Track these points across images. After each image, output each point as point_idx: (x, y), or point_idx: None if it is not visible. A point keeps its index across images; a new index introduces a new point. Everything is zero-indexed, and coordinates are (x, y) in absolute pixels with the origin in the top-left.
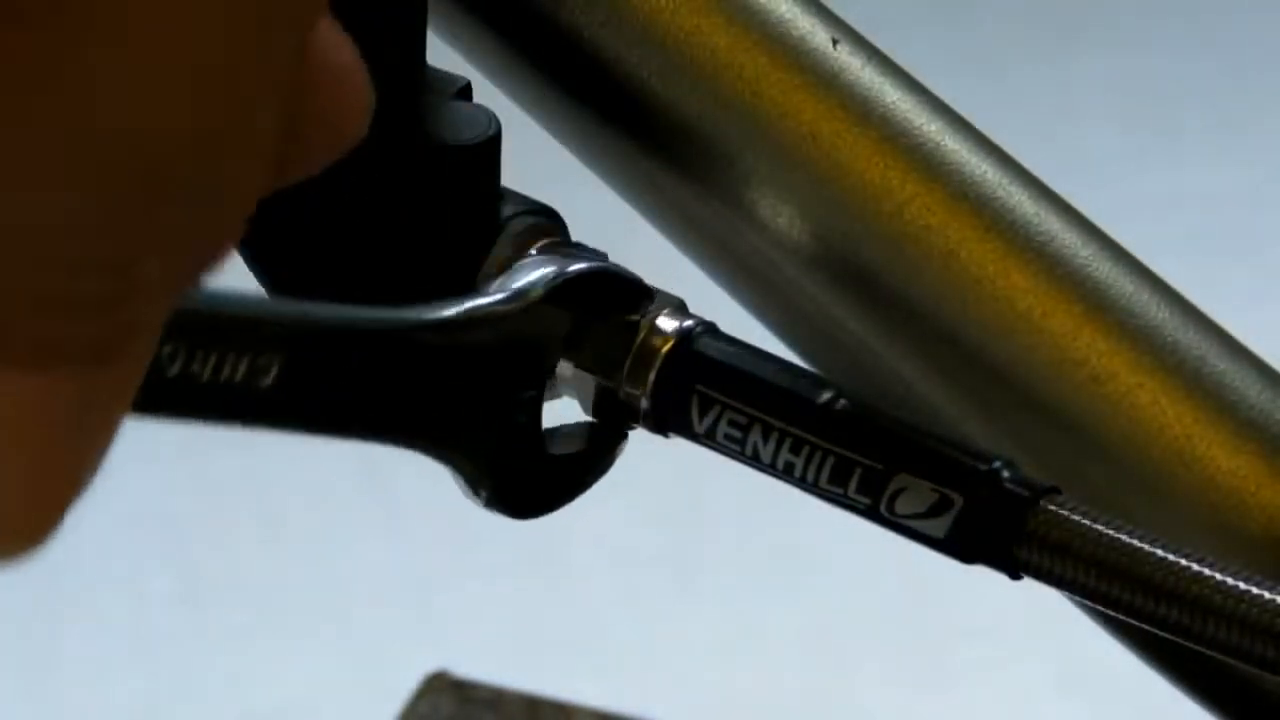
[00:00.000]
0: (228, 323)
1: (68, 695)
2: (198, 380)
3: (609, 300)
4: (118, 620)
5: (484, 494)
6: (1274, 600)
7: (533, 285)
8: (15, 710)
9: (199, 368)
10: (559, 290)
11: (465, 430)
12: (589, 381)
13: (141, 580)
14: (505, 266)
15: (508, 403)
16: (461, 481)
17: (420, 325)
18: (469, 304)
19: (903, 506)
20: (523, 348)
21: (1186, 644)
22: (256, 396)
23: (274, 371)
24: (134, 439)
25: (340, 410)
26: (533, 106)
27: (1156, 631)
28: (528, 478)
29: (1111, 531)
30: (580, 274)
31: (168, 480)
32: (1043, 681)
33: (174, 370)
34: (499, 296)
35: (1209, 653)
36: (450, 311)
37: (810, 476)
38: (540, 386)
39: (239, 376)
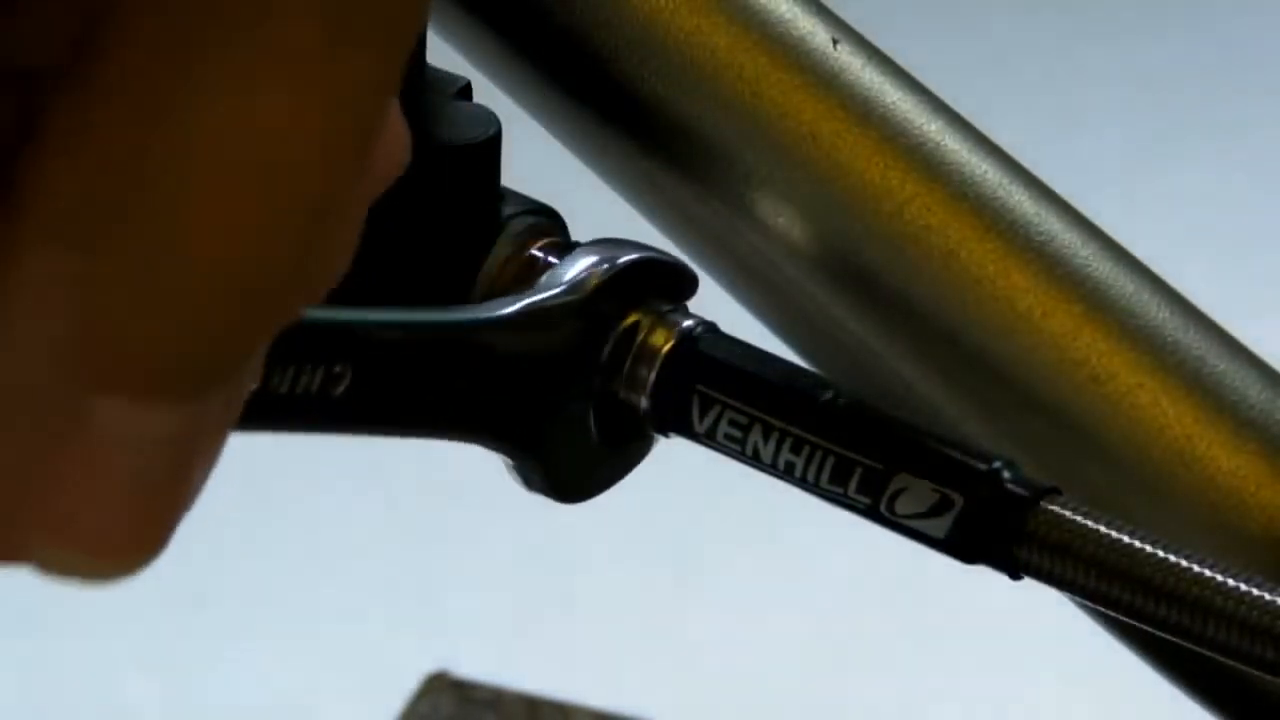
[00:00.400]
0: (305, 336)
1: (67, 695)
2: (277, 393)
3: (658, 288)
4: (117, 619)
5: (535, 481)
6: (1274, 602)
7: (587, 277)
8: (14, 711)
9: (278, 381)
10: (612, 281)
11: (524, 423)
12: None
13: (141, 579)
14: (505, 266)
15: (563, 394)
16: (513, 470)
17: (482, 324)
18: (528, 300)
19: (903, 506)
20: (576, 339)
21: (1186, 645)
22: (330, 405)
23: (347, 380)
24: None
25: (407, 412)
26: (533, 106)
27: (1156, 632)
28: (578, 465)
29: (1112, 532)
30: (632, 263)
31: None
32: (1043, 681)
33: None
34: (556, 290)
35: (1209, 654)
36: (510, 309)
37: (810, 476)
38: (591, 377)
39: (315, 387)
